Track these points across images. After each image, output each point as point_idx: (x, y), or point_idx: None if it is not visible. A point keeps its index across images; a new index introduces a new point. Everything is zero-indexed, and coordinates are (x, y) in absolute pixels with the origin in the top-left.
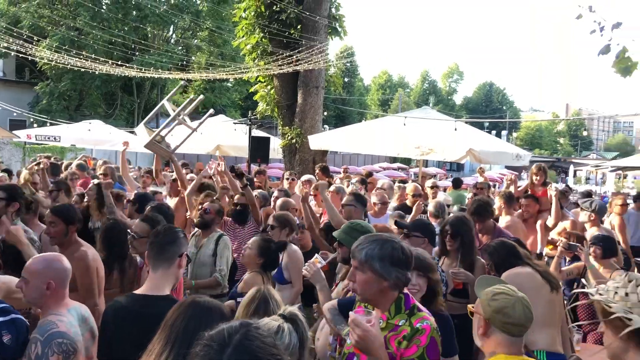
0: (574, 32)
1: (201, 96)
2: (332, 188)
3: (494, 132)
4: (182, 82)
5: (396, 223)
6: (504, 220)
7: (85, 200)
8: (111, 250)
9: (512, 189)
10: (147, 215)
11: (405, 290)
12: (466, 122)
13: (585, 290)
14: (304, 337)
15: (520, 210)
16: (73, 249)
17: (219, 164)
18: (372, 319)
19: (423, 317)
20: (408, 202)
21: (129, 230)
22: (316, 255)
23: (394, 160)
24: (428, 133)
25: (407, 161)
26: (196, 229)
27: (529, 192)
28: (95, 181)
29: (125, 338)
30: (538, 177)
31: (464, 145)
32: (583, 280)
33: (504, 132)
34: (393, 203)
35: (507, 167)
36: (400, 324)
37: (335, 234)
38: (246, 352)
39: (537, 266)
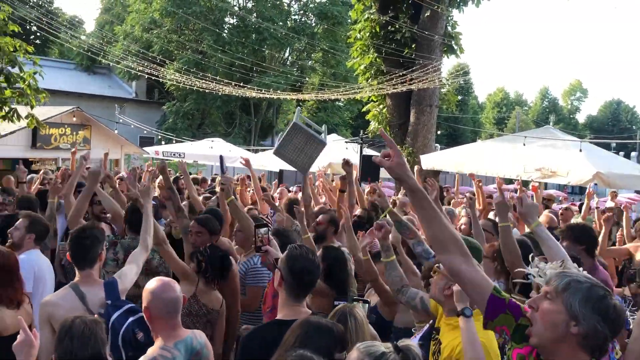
0: None
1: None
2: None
3: (621, 153)
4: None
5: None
6: None
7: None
8: None
9: None
10: (279, 229)
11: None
12: (590, 143)
13: (527, 270)
14: None
15: None
16: None
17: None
18: None
19: None
20: None
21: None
22: None
23: (509, 182)
24: (550, 154)
25: (524, 183)
26: None
27: None
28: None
29: None
30: None
31: (590, 168)
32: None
33: (633, 154)
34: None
35: (638, 192)
36: None
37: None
38: None
39: None
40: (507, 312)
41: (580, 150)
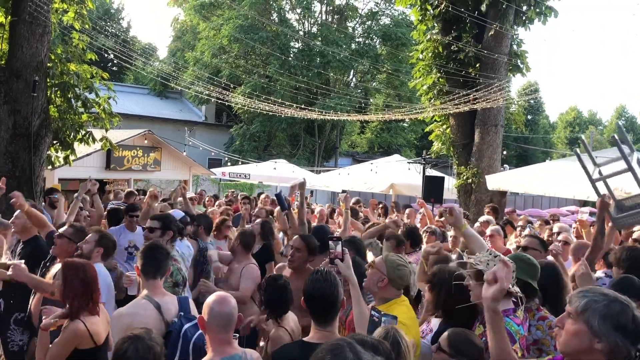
0: None
1: None
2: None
3: None
4: None
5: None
6: None
7: None
8: None
9: None
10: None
11: None
12: None
13: (466, 260)
14: None
15: None
16: (306, 274)
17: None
18: None
19: None
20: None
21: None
22: None
23: (584, 203)
24: (624, 174)
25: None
26: None
27: None
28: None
29: None
30: None
31: None
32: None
33: None
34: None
35: None
36: None
37: None
38: None
39: None
40: None
41: None
